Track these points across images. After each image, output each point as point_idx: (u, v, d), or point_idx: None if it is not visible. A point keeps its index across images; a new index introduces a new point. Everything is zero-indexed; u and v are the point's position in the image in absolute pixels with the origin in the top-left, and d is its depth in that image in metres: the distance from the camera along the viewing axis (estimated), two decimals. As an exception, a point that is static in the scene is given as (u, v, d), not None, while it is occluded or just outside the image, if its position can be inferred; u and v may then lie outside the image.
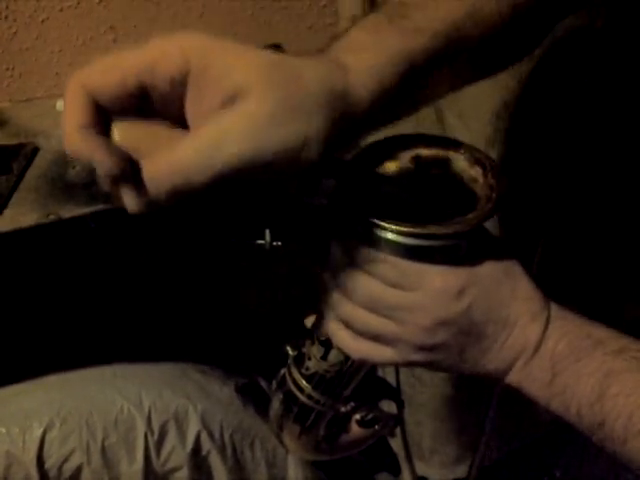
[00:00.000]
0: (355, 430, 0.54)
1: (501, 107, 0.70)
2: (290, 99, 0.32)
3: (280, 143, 0.31)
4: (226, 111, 0.31)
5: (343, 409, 0.52)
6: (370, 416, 0.53)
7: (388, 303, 0.41)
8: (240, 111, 0.31)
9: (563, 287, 0.82)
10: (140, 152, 0.31)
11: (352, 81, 0.34)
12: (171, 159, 0.31)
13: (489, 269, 0.42)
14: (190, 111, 0.33)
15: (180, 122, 0.33)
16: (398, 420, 0.55)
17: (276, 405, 0.55)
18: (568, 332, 0.41)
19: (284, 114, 0.31)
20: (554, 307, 0.43)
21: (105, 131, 0.32)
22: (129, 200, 0.32)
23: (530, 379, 0.42)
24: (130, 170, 0.31)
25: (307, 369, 0.51)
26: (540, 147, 0.70)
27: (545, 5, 0.43)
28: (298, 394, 0.52)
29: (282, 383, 0.54)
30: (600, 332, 0.41)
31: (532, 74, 0.66)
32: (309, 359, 0.51)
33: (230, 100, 0.31)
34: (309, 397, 0.51)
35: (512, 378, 0.43)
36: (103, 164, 0.30)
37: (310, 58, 0.35)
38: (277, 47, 1.05)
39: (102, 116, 0.32)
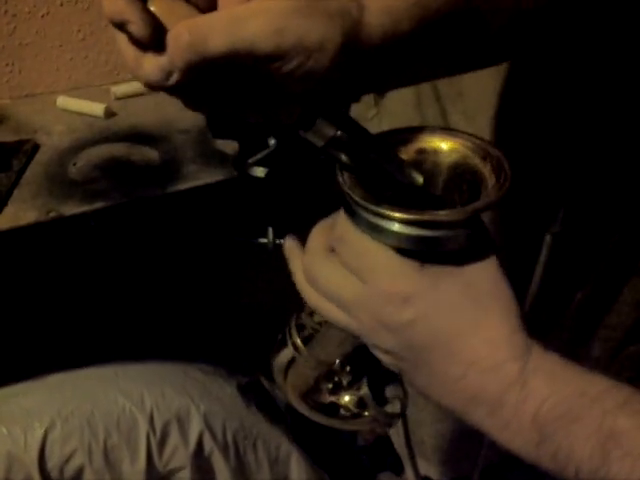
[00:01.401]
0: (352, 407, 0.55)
1: (505, 104, 0.69)
2: (313, 2, 0.34)
3: (300, 34, 0.33)
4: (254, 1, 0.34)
5: (336, 378, 0.53)
6: (361, 393, 0.53)
7: (340, 293, 0.39)
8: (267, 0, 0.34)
9: (569, 285, 0.82)
10: (169, 24, 0.34)
11: (367, 15, 0.36)
12: (195, 21, 0.33)
13: (455, 287, 0.36)
14: (221, 3, 0.36)
15: None
16: (403, 411, 0.55)
17: (281, 357, 0.57)
18: (557, 390, 0.35)
19: (307, 11, 0.34)
20: (536, 357, 0.36)
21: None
22: (150, 68, 0.34)
23: (506, 434, 0.36)
24: (158, 36, 0.33)
25: (301, 324, 0.53)
26: (546, 144, 0.70)
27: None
28: (292, 348, 0.54)
29: (285, 337, 0.56)
30: (596, 385, 0.35)
31: (536, 71, 0.65)
32: (304, 314, 0.53)
33: None
34: (295, 348, 0.53)
35: (477, 424, 0.37)
36: (137, 24, 0.33)
37: None
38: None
39: None
